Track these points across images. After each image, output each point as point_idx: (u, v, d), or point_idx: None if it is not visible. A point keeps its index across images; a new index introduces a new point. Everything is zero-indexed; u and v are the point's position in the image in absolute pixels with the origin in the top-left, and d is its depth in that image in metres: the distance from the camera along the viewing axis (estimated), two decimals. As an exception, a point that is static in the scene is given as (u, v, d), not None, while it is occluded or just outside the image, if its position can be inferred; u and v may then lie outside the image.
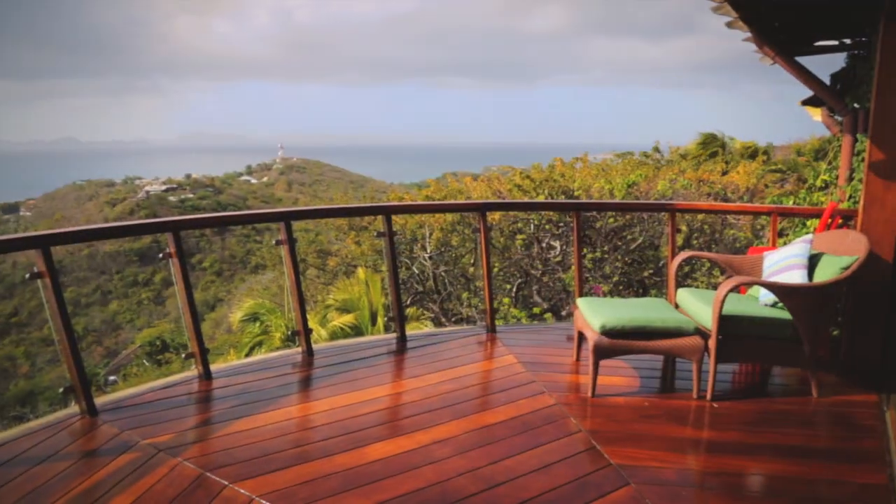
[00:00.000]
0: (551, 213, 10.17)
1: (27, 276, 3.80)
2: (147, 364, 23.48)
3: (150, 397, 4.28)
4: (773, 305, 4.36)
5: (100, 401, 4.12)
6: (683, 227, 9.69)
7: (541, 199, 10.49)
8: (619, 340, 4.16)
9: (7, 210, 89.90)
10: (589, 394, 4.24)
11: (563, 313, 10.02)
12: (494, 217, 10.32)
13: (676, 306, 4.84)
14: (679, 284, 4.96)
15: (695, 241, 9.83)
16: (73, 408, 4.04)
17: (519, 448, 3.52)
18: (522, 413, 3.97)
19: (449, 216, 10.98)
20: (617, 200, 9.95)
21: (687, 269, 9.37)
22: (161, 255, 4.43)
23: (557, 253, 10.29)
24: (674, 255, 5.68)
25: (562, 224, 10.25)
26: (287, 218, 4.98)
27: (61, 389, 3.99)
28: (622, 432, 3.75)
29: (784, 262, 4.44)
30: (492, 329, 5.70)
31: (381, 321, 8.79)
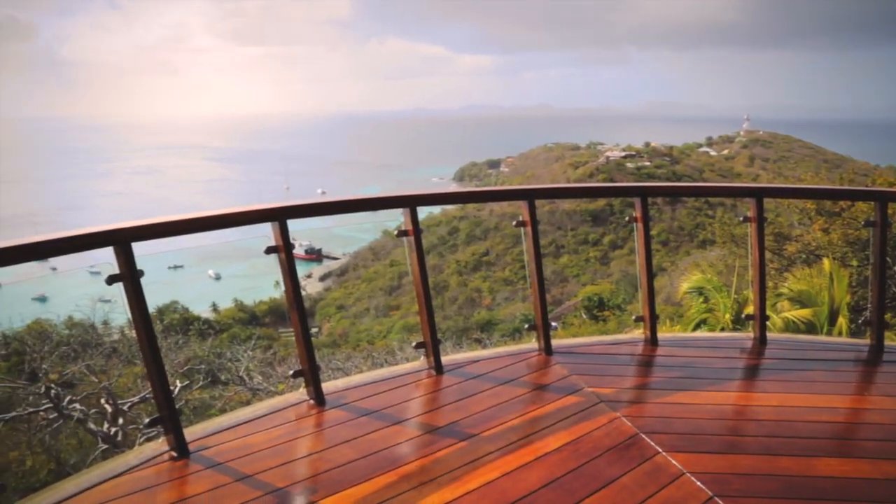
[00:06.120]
0: None
1: (514, 223, 4.37)
2: (584, 318, 25.05)
3: (598, 350, 4.56)
4: None
5: (554, 343, 4.55)
6: None
7: None
8: None
9: (491, 165, 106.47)
10: None
11: None
12: None
13: None
14: None
15: None
16: (532, 343, 4.55)
17: None
18: None
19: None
20: None
21: None
22: (627, 219, 4.62)
23: None
24: None
25: None
26: (760, 194, 4.65)
27: (526, 325, 4.53)
28: None
29: None
30: None
31: (842, 322, 7.69)
